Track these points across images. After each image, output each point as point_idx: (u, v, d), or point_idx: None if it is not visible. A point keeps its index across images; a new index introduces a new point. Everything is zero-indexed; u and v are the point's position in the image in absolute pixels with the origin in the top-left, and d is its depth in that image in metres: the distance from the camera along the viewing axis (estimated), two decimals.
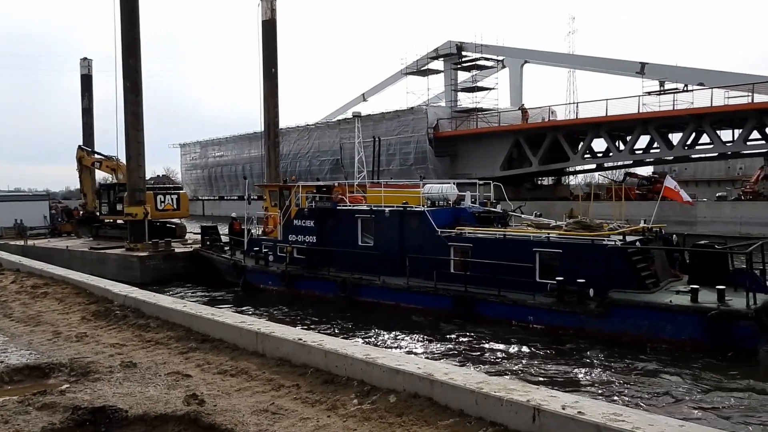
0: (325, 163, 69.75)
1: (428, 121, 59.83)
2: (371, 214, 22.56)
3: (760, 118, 44.36)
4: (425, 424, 5.86)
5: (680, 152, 50.70)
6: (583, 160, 56.51)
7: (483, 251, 19.21)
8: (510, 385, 6.07)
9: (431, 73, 69.49)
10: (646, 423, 4.92)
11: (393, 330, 18.02)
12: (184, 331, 10.03)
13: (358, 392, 6.81)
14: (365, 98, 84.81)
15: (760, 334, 14.56)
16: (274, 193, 27.43)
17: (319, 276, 23.05)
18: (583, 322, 16.65)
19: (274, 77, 37.68)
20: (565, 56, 65.16)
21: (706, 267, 17.09)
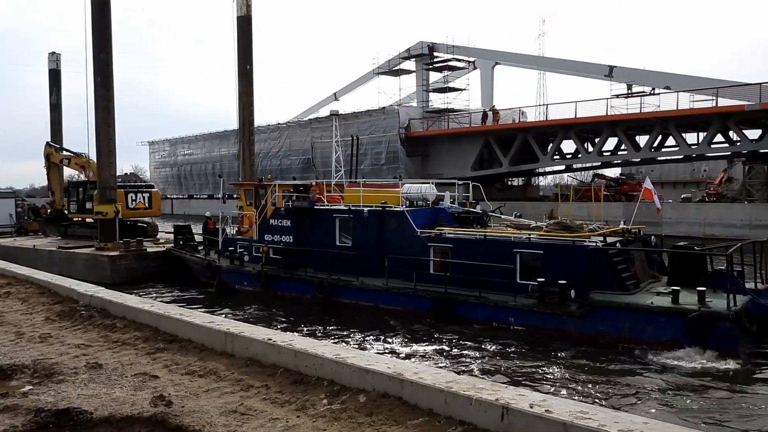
0: (297, 162, 69.45)
1: (400, 121, 59.96)
2: (350, 213, 22.34)
3: (723, 122, 45.36)
4: (395, 424, 5.86)
5: (647, 154, 51.59)
6: (552, 161, 57.15)
7: (463, 252, 19.07)
8: (479, 384, 6.11)
9: (403, 73, 69.63)
10: (611, 420, 4.99)
11: (371, 331, 17.86)
12: (152, 331, 9.89)
13: (327, 392, 6.79)
14: (337, 97, 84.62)
15: (740, 336, 14.63)
16: (250, 192, 27.01)
17: (296, 276, 22.73)
18: (564, 323, 16.60)
19: (249, 74, 37.28)
20: (535, 58, 65.81)
21: (686, 268, 17.16)
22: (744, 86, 44.79)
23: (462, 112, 60.96)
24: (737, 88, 44.93)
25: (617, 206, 45.23)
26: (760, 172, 48.34)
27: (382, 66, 69.21)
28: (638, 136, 53.31)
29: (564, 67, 61.32)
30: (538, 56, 66.78)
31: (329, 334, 17.81)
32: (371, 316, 19.57)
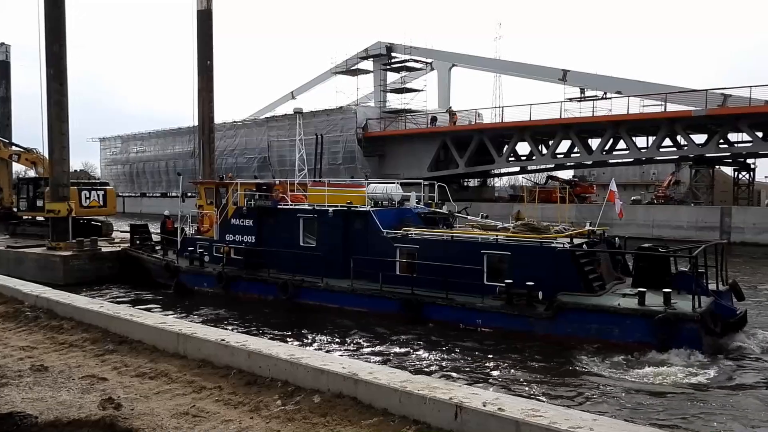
0: (253, 161, 68.73)
1: (357, 120, 59.92)
2: (314, 213, 21.86)
3: (671, 126, 46.72)
4: (349, 424, 5.86)
5: (599, 157, 52.78)
6: (507, 162, 57.93)
7: (430, 253, 18.84)
8: (433, 384, 6.16)
9: (361, 73, 69.61)
10: (562, 418, 5.09)
11: (335, 334, 17.54)
12: (101, 332, 9.66)
13: (282, 393, 6.75)
14: (294, 96, 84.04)
15: (704, 337, 14.72)
16: (210, 190, 26.30)
17: (258, 277, 22.18)
18: (531, 325, 16.49)
19: (209, 70, 36.56)
20: (491, 61, 66.51)
21: (650, 270, 17.27)
22: (691, 92, 46.24)
23: (419, 113, 61.29)
24: (685, 94, 46.38)
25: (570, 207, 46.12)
26: (705, 176, 49.96)
27: (339, 65, 69.07)
28: (591, 139, 54.50)
29: (519, 70, 62.23)
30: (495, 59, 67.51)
31: (292, 337, 17.41)
32: (336, 318, 19.18)
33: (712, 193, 50.20)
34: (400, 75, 68.39)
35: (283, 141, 65.29)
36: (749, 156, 50.63)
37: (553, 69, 57.86)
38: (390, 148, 60.88)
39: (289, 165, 63.67)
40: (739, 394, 12.46)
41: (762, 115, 43.18)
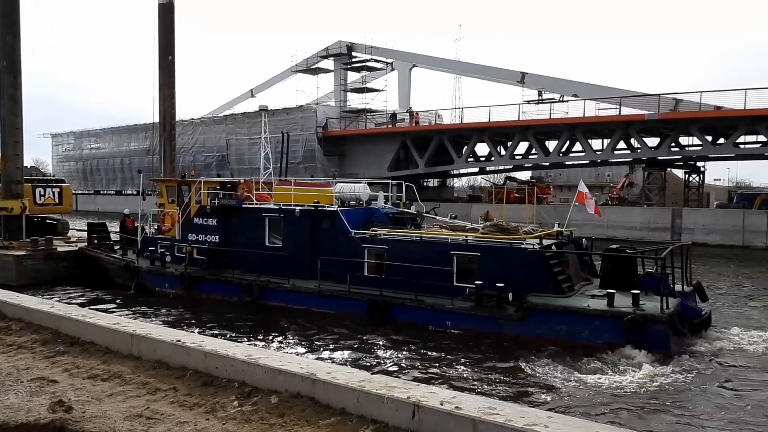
0: (211, 159, 67.83)
1: (317, 119, 59.70)
2: (280, 213, 21.47)
3: (625, 129, 47.85)
4: (306, 424, 5.84)
5: (556, 158, 53.70)
6: (467, 163, 58.51)
7: (399, 254, 18.61)
8: (391, 383, 6.17)
9: (321, 72, 69.43)
10: (517, 415, 5.16)
11: (301, 335, 17.24)
12: (51, 333, 9.40)
13: (239, 394, 6.68)
14: (253, 94, 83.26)
15: (672, 338, 14.88)
16: (172, 189, 25.57)
17: (222, 278, 21.68)
18: (501, 326, 16.39)
19: (170, 65, 35.69)
20: (451, 62, 67.05)
21: (617, 271, 17.39)
22: (645, 96, 47.47)
23: (380, 113, 61.38)
24: (639, 98, 47.56)
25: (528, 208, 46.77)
26: (657, 178, 51.29)
27: (300, 64, 68.73)
28: (548, 141, 55.42)
29: (479, 72, 62.88)
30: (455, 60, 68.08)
31: (255, 339, 17.06)
32: (303, 319, 18.86)
33: (664, 194, 51.55)
34: (361, 75, 68.44)
35: (242, 139, 64.63)
36: (699, 159, 52.20)
37: (512, 71, 58.63)
38: (350, 147, 60.84)
39: (248, 163, 63.18)
40: (703, 395, 12.66)
41: (711, 120, 44.59)
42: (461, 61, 67.64)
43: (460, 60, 68.33)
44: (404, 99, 66.94)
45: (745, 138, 46.75)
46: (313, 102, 64.81)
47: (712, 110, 43.74)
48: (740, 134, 44.72)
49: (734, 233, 42.12)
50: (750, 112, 41.47)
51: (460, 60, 68.22)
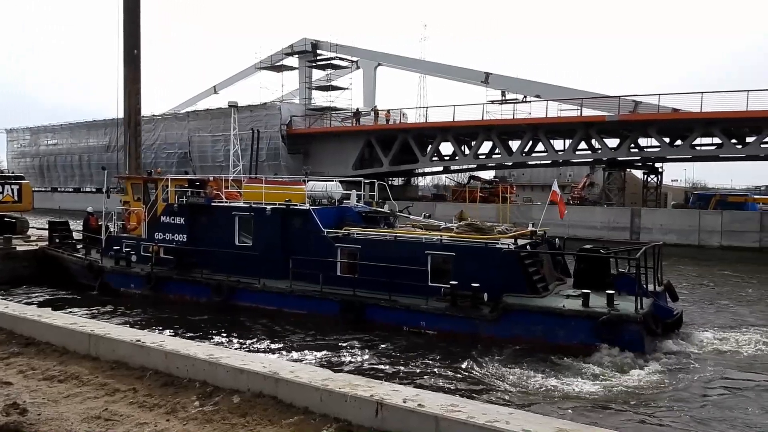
0: (172, 156, 66.80)
1: (281, 117, 59.25)
2: (251, 211, 21.00)
3: (586, 130, 48.67)
4: (269, 424, 5.80)
5: (519, 158, 54.32)
6: (431, 162, 58.79)
7: (372, 253, 18.38)
8: (355, 381, 6.17)
9: (285, 69, 68.87)
10: (479, 412, 5.22)
11: (272, 337, 16.92)
12: (5, 334, 9.16)
13: (200, 394, 6.60)
14: (216, 91, 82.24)
15: (646, 338, 14.96)
16: (138, 186, 24.92)
17: (190, 278, 21.17)
18: (476, 327, 16.30)
19: (136, 60, 34.99)
20: (416, 62, 67.25)
21: (591, 271, 17.42)
22: (605, 98, 48.36)
23: (345, 112, 61.25)
24: (600, 100, 48.43)
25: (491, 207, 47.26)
26: (617, 178, 52.31)
27: (264, 61, 68.08)
28: (511, 141, 56.01)
29: (443, 71, 63.22)
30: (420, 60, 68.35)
31: (223, 340, 16.72)
32: (274, 320, 18.57)
33: (623, 195, 52.57)
34: (326, 72, 68.12)
35: (205, 136, 63.80)
36: (657, 160, 53.39)
37: (476, 71, 59.09)
38: (315, 145, 60.58)
39: (210, 161, 62.37)
40: (675, 394, 12.74)
41: (669, 122, 45.64)
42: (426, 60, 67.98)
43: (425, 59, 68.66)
44: (369, 97, 66.92)
45: (701, 140, 47.95)
46: (277, 99, 64.29)
47: (670, 112, 44.78)
48: (696, 136, 45.87)
49: (690, 233, 43.19)
50: (706, 115, 42.57)
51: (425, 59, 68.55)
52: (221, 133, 61.57)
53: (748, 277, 31.26)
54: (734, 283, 29.31)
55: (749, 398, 12.67)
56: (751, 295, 25.61)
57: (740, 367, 14.67)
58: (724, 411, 11.97)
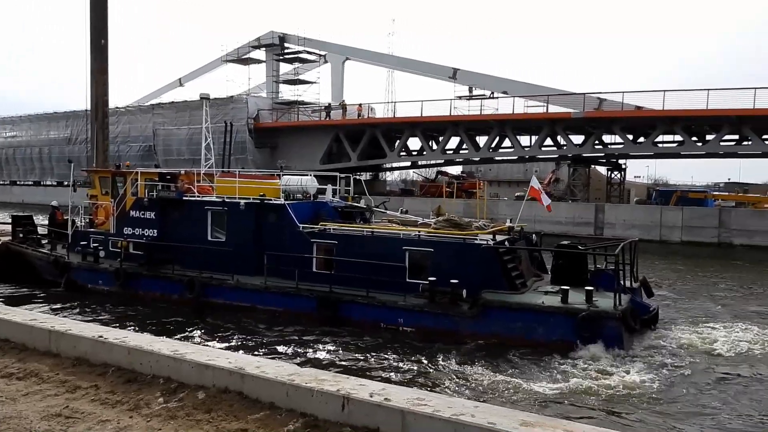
0: (136, 150, 65.60)
1: (248, 111, 58.70)
2: (224, 206, 20.62)
3: (552, 127, 49.25)
4: (234, 419, 5.76)
5: (486, 154, 54.72)
6: (399, 157, 58.88)
7: (349, 249, 18.12)
8: (321, 376, 6.16)
9: (252, 63, 68.15)
10: (445, 405, 5.26)
11: (245, 335, 16.63)
12: None
13: (164, 390, 6.52)
14: (182, 83, 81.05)
15: (625, 335, 14.98)
16: (106, 180, 24.22)
17: (161, 275, 20.73)
18: (455, 324, 16.18)
19: (103, 50, 34.16)
20: (384, 56, 67.16)
21: (569, 267, 17.32)
22: (571, 95, 49.01)
23: (312, 105, 60.92)
24: (565, 97, 49.08)
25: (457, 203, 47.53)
26: (582, 174, 53.11)
27: (230, 53, 67.28)
28: (478, 137, 56.40)
29: (411, 66, 63.29)
30: (388, 54, 68.28)
31: (195, 338, 16.37)
32: (247, 317, 18.28)
33: (588, 190, 53.39)
34: (293, 66, 67.64)
35: (170, 129, 62.85)
36: (621, 157, 54.36)
37: (444, 67, 59.28)
38: (282, 139, 60.17)
39: (175, 155, 61.47)
40: (652, 391, 12.75)
41: (633, 119, 46.48)
42: (394, 55, 67.89)
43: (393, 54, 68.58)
44: (337, 92, 66.66)
45: (663, 137, 48.96)
46: (244, 93, 63.64)
47: (633, 110, 45.59)
48: (659, 134, 46.79)
49: (652, 228, 44.06)
50: (668, 113, 43.44)
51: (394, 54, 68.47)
52: (187, 126, 60.74)
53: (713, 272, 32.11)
54: (700, 278, 29.95)
55: (727, 393, 12.81)
56: (719, 290, 26.21)
57: (716, 362, 14.82)
58: (701, 406, 12.09)
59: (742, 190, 63.25)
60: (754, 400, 12.58)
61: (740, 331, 17.55)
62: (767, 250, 40.35)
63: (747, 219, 43.54)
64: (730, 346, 16.01)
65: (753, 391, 13.09)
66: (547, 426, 4.82)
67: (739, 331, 17.54)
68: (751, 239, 42.14)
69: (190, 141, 60.35)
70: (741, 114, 41.29)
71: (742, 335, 17.12)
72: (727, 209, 45.76)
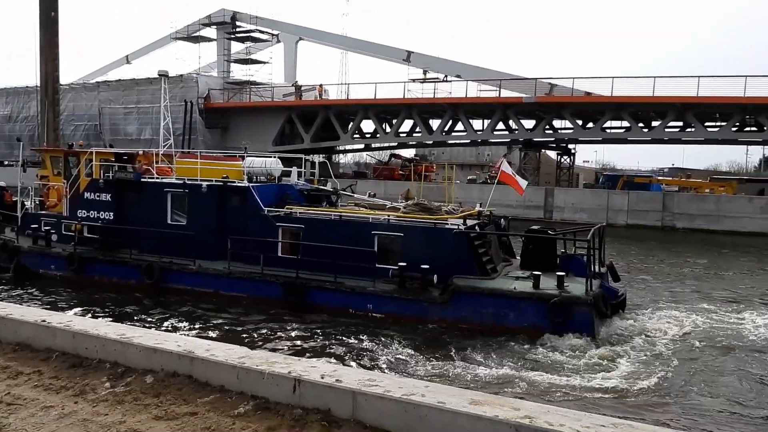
0: (81, 129, 63.53)
1: (199, 90, 57.45)
2: (184, 188, 19.90)
3: (504, 111, 49.86)
4: (184, 403, 5.69)
5: (439, 137, 55.08)
6: (352, 139, 58.72)
7: (316, 233, 17.69)
8: (272, 359, 6.14)
9: (203, 41, 66.67)
10: (396, 386, 5.31)
11: (208, 322, 16.23)
12: None
13: (110, 375, 6.39)
14: (129, 61, 78.80)
15: (596, 320, 14.94)
16: (58, 159, 23.10)
17: (118, 259, 19.96)
18: (425, 310, 15.99)
19: (53, 23, 32.70)
20: (338, 37, 66.62)
21: (539, 252, 17.27)
22: (523, 80, 49.63)
23: (265, 86, 60.08)
24: (518, 82, 49.69)
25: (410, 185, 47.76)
26: (533, 158, 53.99)
27: (180, 31, 65.69)
28: (432, 120, 56.68)
29: (365, 48, 62.98)
30: (342, 35, 67.72)
31: (153, 325, 15.89)
32: (210, 304, 17.82)
33: (538, 174, 54.34)
34: (245, 45, 66.48)
35: (117, 108, 61.07)
36: (570, 142, 55.46)
37: (398, 49, 59.22)
38: (234, 120, 59.21)
39: (123, 134, 59.81)
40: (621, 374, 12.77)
41: (582, 105, 47.42)
42: (348, 36, 67.41)
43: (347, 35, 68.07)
44: (290, 72, 65.87)
45: (611, 123, 50.13)
46: (194, 72, 62.24)
47: (583, 96, 46.49)
48: (607, 119, 47.89)
49: (599, 212, 45.23)
50: (616, 99, 44.46)
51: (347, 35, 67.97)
52: (134, 105, 59.15)
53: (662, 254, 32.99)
54: (654, 261, 30.65)
55: (697, 375, 12.95)
56: (675, 273, 26.92)
57: (686, 345, 14.99)
58: (671, 389, 12.10)
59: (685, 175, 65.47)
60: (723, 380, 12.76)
61: (703, 313, 18.01)
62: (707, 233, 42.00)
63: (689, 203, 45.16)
64: (698, 329, 16.24)
65: (722, 370, 13.29)
66: (495, 404, 4.91)
67: (702, 313, 17.99)
68: (693, 222, 43.74)
69: (137, 120, 58.82)
70: (685, 101, 42.61)
71: (705, 317, 17.52)
72: (670, 194, 47.36)
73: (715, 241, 39.61)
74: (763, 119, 43.82)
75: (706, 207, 44.08)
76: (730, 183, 54.43)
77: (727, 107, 43.53)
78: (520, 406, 4.92)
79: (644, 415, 10.67)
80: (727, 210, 43.32)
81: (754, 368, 13.49)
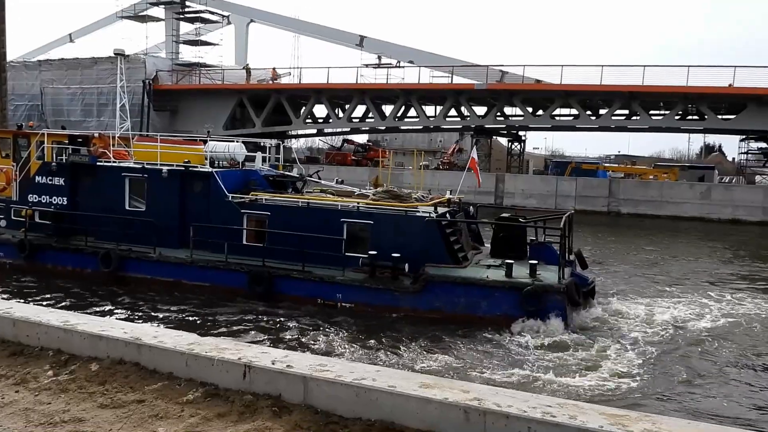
0: (21, 109, 61.13)
1: (146, 71, 55.90)
2: (143, 173, 19.16)
3: (457, 97, 50.20)
4: (131, 390, 5.59)
5: (391, 123, 55.10)
6: (305, 124, 58.26)
7: (283, 221, 17.24)
8: (222, 345, 6.07)
9: (151, 20, 64.79)
10: (347, 371, 5.33)
11: (166, 312, 15.75)
12: None
13: (53, 363, 6.22)
14: (72, 39, 76.14)
15: (569, 308, 14.90)
16: (6, 141, 22.07)
17: (72, 246, 19.14)
18: (397, 299, 15.69)
19: None
20: (290, 20, 65.67)
21: (509, 240, 17.16)
22: (475, 67, 50.02)
23: (215, 68, 58.90)
24: (470, 69, 50.04)
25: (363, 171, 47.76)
26: (484, 145, 54.59)
27: (126, 9, 63.61)
28: (384, 106, 56.64)
29: (318, 32, 62.36)
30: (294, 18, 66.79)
31: (109, 314, 15.32)
32: (171, 294, 17.26)
33: (489, 161, 55.00)
34: (195, 26, 64.87)
35: (60, 88, 58.96)
36: (521, 128, 56.29)
37: (351, 34, 58.87)
38: (183, 103, 57.92)
39: (66, 115, 57.79)
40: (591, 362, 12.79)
41: (532, 92, 48.12)
42: (301, 19, 66.53)
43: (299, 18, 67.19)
44: (241, 55, 64.76)
45: (560, 111, 51.06)
46: (141, 52, 60.50)
47: (533, 83, 47.17)
48: (556, 107, 48.77)
49: (548, 198, 46.16)
50: (565, 87, 45.30)
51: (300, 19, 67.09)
52: (78, 85, 57.22)
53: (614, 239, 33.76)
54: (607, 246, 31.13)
55: (669, 362, 13.04)
56: (631, 259, 27.49)
57: (656, 330, 15.15)
58: (645, 378, 12.11)
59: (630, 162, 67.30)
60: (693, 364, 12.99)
61: (668, 297, 18.44)
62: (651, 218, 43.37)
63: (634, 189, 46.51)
64: (669, 317, 16.40)
65: (694, 355, 13.53)
66: (445, 387, 4.98)
67: (667, 297, 18.42)
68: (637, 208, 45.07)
69: (82, 101, 56.95)
70: (631, 90, 43.73)
71: (669, 301, 17.91)
72: (616, 180, 48.64)
73: (659, 225, 40.90)
74: (704, 108, 45.36)
75: (650, 193, 45.47)
76: (673, 170, 56.23)
77: (670, 96, 44.89)
78: (469, 389, 5.00)
79: (614, 402, 10.46)
80: (670, 196, 44.78)
81: (718, 350, 13.84)
